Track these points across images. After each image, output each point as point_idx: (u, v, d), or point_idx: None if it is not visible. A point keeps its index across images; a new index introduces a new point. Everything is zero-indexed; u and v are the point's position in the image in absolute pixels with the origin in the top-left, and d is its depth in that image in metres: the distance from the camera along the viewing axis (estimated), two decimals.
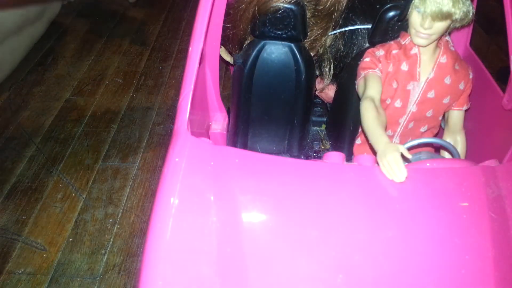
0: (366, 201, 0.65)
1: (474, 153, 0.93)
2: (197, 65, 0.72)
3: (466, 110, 0.93)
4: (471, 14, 0.79)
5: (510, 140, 0.79)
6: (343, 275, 0.58)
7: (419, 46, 0.84)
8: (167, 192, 0.61)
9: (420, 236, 0.62)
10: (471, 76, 0.90)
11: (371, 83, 0.84)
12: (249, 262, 0.59)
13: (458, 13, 0.77)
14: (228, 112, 1.12)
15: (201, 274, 0.57)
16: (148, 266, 0.56)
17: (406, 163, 0.78)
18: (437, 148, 0.97)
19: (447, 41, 0.88)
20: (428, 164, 0.72)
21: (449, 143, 0.87)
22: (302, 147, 1.15)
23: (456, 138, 0.94)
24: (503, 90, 0.87)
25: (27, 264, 1.11)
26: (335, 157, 0.72)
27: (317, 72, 1.15)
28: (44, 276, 1.08)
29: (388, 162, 0.67)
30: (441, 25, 0.79)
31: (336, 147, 1.11)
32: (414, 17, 0.81)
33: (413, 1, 0.80)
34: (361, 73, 0.88)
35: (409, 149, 0.83)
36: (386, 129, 0.92)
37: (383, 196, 0.65)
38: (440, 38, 0.85)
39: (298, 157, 1.14)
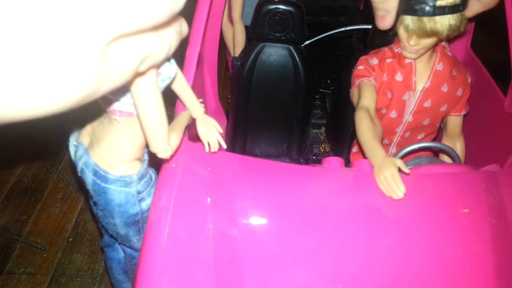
0: (365, 208, 0.64)
1: (475, 157, 0.92)
2: (194, 68, 0.71)
3: (465, 114, 0.91)
4: (464, 24, 0.75)
5: (511, 144, 0.78)
6: (341, 285, 0.57)
7: (409, 58, 0.82)
8: (163, 199, 0.61)
9: (420, 244, 0.61)
10: (469, 81, 0.88)
11: (366, 92, 0.82)
12: (246, 270, 0.58)
13: (444, 31, 0.73)
14: (227, 114, 1.11)
15: (197, 282, 0.56)
16: (144, 274, 0.55)
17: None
18: (436, 152, 0.96)
19: (444, 46, 0.85)
20: (428, 169, 0.72)
21: (449, 147, 0.86)
22: (302, 150, 1.14)
23: (455, 144, 0.92)
24: (504, 91, 0.86)
25: (27, 264, 1.11)
26: (334, 163, 0.71)
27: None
28: (44, 276, 1.08)
29: (385, 177, 0.65)
30: (428, 41, 0.77)
31: (335, 150, 1.11)
32: (401, 32, 0.78)
33: (400, 16, 0.76)
34: (355, 81, 0.86)
35: (406, 154, 0.82)
36: (382, 138, 0.91)
37: (383, 202, 0.64)
38: (436, 44, 0.81)
39: (298, 160, 1.13)
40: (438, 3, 0.70)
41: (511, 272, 0.60)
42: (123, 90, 0.55)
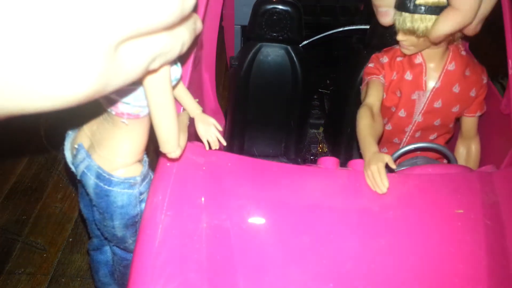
0: (358, 208, 0.64)
1: None
2: (190, 68, 0.71)
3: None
4: None
5: (507, 145, 0.77)
6: (334, 284, 0.57)
7: (406, 54, 0.82)
8: (157, 198, 0.61)
9: (413, 244, 0.61)
10: (485, 81, 0.85)
11: (372, 90, 0.82)
12: (239, 270, 0.58)
13: (418, 31, 0.73)
14: (225, 114, 1.11)
15: (190, 282, 0.56)
16: (137, 273, 0.56)
17: (403, 168, 0.77)
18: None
19: (457, 46, 0.83)
20: (423, 170, 0.71)
21: (444, 147, 0.84)
22: (299, 150, 1.14)
23: (470, 145, 0.90)
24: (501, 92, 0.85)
25: (27, 264, 1.11)
26: (328, 162, 0.71)
27: None
28: (44, 276, 1.09)
29: (371, 172, 0.65)
30: (414, 39, 0.77)
31: (333, 150, 1.10)
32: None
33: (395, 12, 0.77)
34: (365, 79, 0.86)
35: (403, 155, 0.81)
36: (393, 137, 0.90)
37: (376, 202, 0.64)
38: (449, 42, 0.81)
39: (295, 160, 1.13)
40: (418, 1, 0.71)
41: (504, 273, 0.59)
42: (133, 92, 0.55)
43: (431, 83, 0.82)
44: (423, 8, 0.71)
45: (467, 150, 0.90)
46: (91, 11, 0.29)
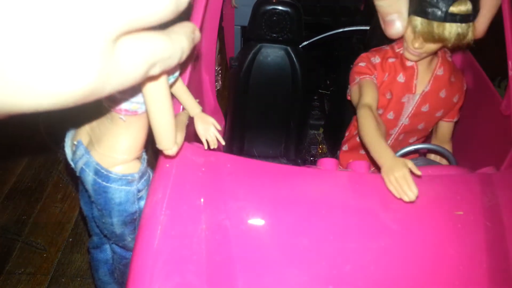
0: (358, 210, 0.64)
1: (471, 159, 0.91)
2: (189, 67, 0.71)
3: (457, 121, 0.90)
4: (468, 37, 0.73)
5: (507, 146, 0.77)
6: (333, 286, 0.57)
7: (408, 58, 0.81)
8: (156, 199, 0.61)
9: (413, 246, 0.61)
10: (465, 88, 0.87)
11: (367, 90, 0.80)
12: (238, 271, 0.58)
13: (452, 39, 0.72)
14: (225, 115, 1.11)
15: (189, 283, 0.56)
16: (136, 273, 0.56)
17: None
18: (425, 153, 0.95)
19: (445, 51, 0.84)
20: (423, 171, 0.71)
21: (446, 150, 0.85)
22: (299, 151, 1.14)
23: None
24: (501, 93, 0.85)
25: (27, 264, 1.11)
26: (328, 164, 0.71)
27: None
28: (44, 276, 1.09)
29: (396, 179, 0.63)
30: (432, 46, 0.76)
31: (333, 151, 1.10)
32: (408, 33, 0.76)
33: (410, 16, 0.75)
34: (356, 78, 0.84)
35: (404, 155, 0.81)
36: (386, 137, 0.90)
37: (376, 204, 0.64)
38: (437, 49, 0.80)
39: (295, 161, 1.13)
40: (451, 10, 0.69)
41: (504, 275, 0.59)
42: (131, 89, 0.55)
43: (421, 86, 0.83)
44: (455, 17, 0.70)
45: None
46: (85, 3, 0.29)
